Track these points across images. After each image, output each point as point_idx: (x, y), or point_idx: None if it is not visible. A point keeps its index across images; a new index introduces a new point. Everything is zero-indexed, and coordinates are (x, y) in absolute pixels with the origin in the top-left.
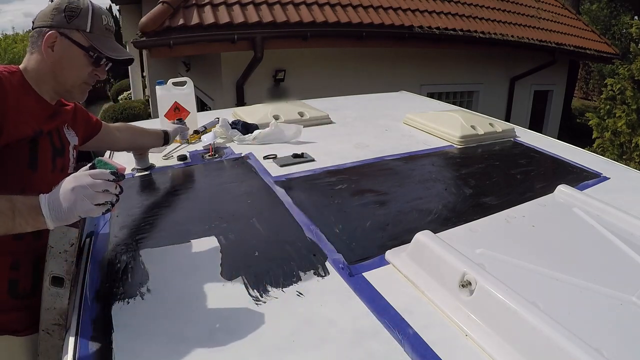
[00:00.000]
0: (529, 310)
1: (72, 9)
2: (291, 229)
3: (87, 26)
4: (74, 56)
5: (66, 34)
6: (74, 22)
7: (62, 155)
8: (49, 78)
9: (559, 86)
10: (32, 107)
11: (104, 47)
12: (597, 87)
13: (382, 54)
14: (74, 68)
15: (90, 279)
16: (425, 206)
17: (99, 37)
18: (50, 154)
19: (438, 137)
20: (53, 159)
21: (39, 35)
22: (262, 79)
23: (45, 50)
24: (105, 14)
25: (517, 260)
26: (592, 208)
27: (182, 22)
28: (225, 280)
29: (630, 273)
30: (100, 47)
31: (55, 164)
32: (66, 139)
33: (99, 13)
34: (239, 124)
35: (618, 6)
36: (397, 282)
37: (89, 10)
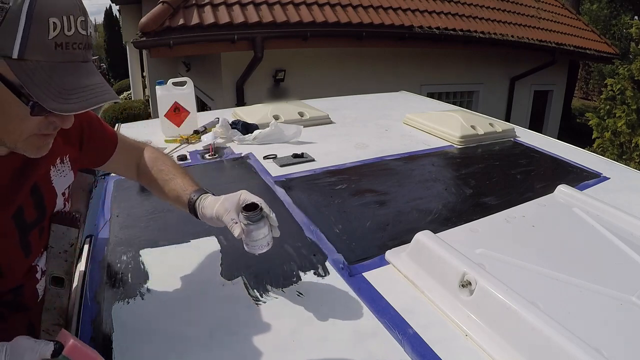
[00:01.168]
0: (529, 310)
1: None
2: (291, 229)
3: (12, 48)
4: (1, 100)
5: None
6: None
7: (42, 220)
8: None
9: (559, 86)
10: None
11: (46, 87)
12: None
13: (382, 54)
14: (7, 117)
15: (90, 279)
16: (425, 206)
17: (38, 67)
18: (18, 241)
19: (438, 137)
20: (24, 244)
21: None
22: (262, 79)
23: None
24: (63, 9)
25: (517, 260)
26: (592, 208)
27: (182, 22)
28: (225, 280)
29: (630, 273)
30: (38, 88)
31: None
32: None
33: (44, 14)
34: (239, 124)
35: (618, 6)
36: (397, 282)
37: (21, 10)
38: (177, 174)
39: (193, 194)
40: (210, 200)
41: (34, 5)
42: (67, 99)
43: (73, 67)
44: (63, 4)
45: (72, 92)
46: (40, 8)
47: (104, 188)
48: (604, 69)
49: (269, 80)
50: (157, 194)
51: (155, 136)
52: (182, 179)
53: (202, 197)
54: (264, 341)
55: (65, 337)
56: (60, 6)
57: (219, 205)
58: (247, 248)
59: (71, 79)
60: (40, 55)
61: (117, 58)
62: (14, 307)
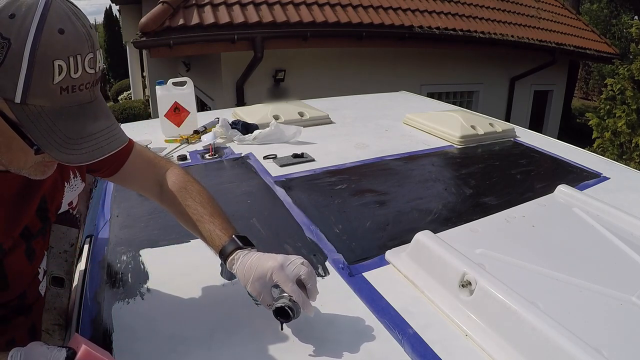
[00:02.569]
0: (529, 310)
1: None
2: (291, 229)
3: (14, 91)
4: (5, 134)
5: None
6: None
7: (46, 228)
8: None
9: (559, 86)
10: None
11: (49, 134)
12: (597, 87)
13: (382, 54)
14: (12, 149)
15: (90, 279)
16: (425, 206)
17: (41, 114)
18: (24, 255)
19: (438, 137)
20: (28, 252)
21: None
22: (262, 79)
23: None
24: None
25: (517, 260)
26: (592, 208)
27: (182, 22)
28: (225, 280)
29: (630, 273)
30: (41, 135)
31: (32, 253)
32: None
33: (49, 56)
34: (239, 124)
35: (618, 6)
36: (397, 282)
37: (23, 50)
38: (204, 216)
39: (223, 248)
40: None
41: (37, 46)
42: (72, 148)
43: (79, 111)
44: (71, 42)
45: (77, 141)
46: (44, 49)
47: (104, 188)
48: (604, 69)
49: (269, 80)
50: (184, 224)
51: (155, 136)
52: (210, 224)
53: (232, 258)
54: (264, 341)
55: (77, 342)
56: (68, 45)
57: (250, 287)
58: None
59: (77, 125)
60: (43, 101)
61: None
62: (18, 311)
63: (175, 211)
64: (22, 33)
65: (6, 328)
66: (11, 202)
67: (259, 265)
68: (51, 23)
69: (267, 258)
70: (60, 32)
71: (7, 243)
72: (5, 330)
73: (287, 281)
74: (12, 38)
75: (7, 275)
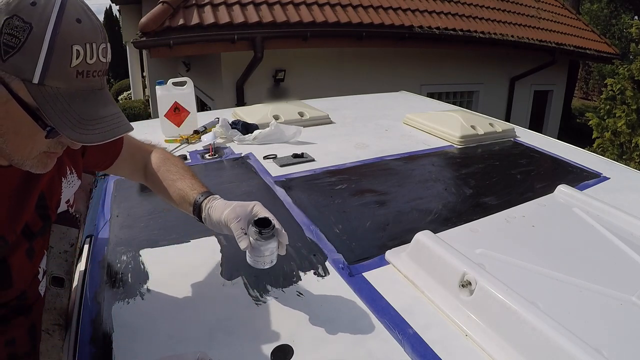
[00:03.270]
0: (529, 310)
1: (14, 30)
2: (291, 229)
3: (33, 72)
4: (16, 118)
5: (2, 79)
6: (11, 61)
7: (44, 232)
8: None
9: (559, 86)
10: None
11: (63, 115)
12: (597, 87)
13: (382, 54)
14: (20, 135)
15: (90, 279)
16: (425, 206)
17: (58, 95)
18: (25, 254)
19: (438, 137)
20: (29, 254)
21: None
22: (262, 79)
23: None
24: (87, 37)
25: (517, 260)
26: (592, 208)
27: (182, 22)
28: (225, 280)
29: (630, 273)
30: (56, 115)
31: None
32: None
33: (68, 41)
34: (239, 124)
35: (618, 6)
36: (397, 282)
37: (44, 34)
38: (185, 175)
39: (200, 195)
40: (220, 203)
41: (58, 31)
42: (86, 129)
43: (91, 95)
44: (87, 31)
45: (90, 122)
46: (64, 35)
47: (104, 188)
48: (604, 69)
49: (269, 80)
50: (163, 195)
51: (155, 136)
52: (191, 180)
53: (210, 198)
54: (264, 341)
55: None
56: (85, 33)
57: (230, 211)
58: (251, 262)
59: (89, 108)
60: (60, 83)
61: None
62: (18, 310)
63: (155, 182)
64: (43, 19)
65: (6, 328)
66: (12, 198)
67: (240, 203)
68: (69, 13)
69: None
70: (78, 21)
71: (10, 237)
72: (5, 330)
73: (267, 212)
74: (33, 23)
75: (12, 273)
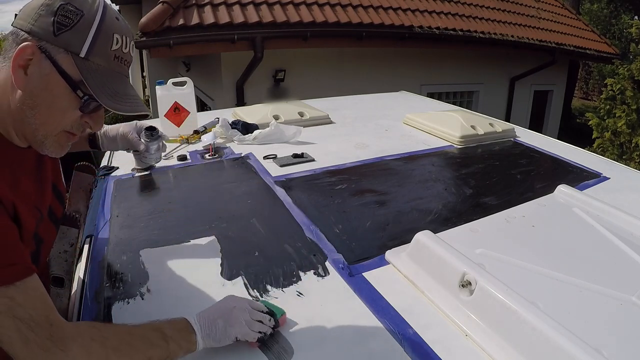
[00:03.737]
0: (529, 310)
1: (68, 13)
2: (291, 229)
3: (81, 47)
4: (54, 90)
5: (49, 52)
6: (63, 36)
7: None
8: (16, 115)
9: (559, 86)
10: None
11: (102, 87)
12: (597, 87)
13: (382, 54)
14: (53, 108)
15: (90, 279)
16: (425, 206)
17: (98, 70)
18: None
19: (438, 137)
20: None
21: (13, 41)
22: (262, 79)
23: (15, 70)
24: (124, 32)
25: (517, 260)
26: (592, 208)
27: (182, 22)
28: (225, 280)
29: (630, 273)
30: (96, 86)
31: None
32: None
33: (110, 29)
34: (239, 124)
35: (618, 6)
36: (397, 282)
37: (94, 21)
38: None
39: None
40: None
41: (104, 19)
42: (118, 101)
43: (120, 79)
44: (124, 26)
45: (122, 97)
46: (108, 24)
47: (104, 188)
48: (604, 69)
49: (269, 80)
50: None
51: None
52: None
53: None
54: (264, 341)
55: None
56: (122, 27)
57: (124, 126)
58: (144, 161)
59: (121, 86)
60: (101, 61)
61: None
62: None
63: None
64: (92, 9)
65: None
66: (34, 176)
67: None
68: (110, 11)
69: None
70: (117, 19)
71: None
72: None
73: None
74: (85, 10)
75: (42, 250)
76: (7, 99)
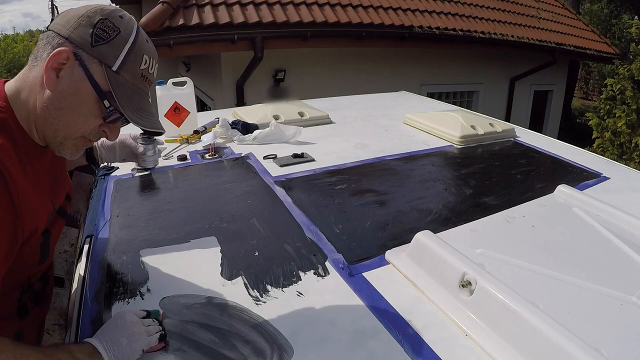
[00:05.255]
0: (529, 310)
1: (106, 28)
2: (291, 229)
3: (115, 61)
4: (82, 96)
5: (83, 61)
6: (99, 48)
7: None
8: (40, 114)
9: (559, 86)
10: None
11: (127, 101)
12: (597, 87)
13: (382, 54)
14: (77, 113)
15: (90, 279)
16: (425, 206)
17: (125, 85)
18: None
19: (438, 137)
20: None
21: (48, 43)
22: (262, 79)
23: (48, 70)
24: (151, 54)
25: (517, 260)
26: (592, 208)
27: (182, 22)
28: (225, 280)
29: (630, 273)
30: (122, 99)
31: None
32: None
33: (141, 50)
34: (239, 124)
35: (618, 6)
36: (397, 282)
37: (128, 39)
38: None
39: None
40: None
41: (137, 40)
42: (140, 116)
43: (143, 96)
44: (152, 49)
45: (143, 112)
46: (140, 44)
47: (104, 188)
48: (604, 69)
49: (269, 80)
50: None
51: None
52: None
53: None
54: (264, 341)
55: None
56: (151, 50)
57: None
58: (142, 165)
59: (143, 103)
60: (129, 77)
61: None
62: (37, 299)
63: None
64: (128, 28)
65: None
66: (50, 173)
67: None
68: (142, 34)
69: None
70: (147, 41)
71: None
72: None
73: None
74: (121, 28)
75: (50, 244)
76: (35, 97)
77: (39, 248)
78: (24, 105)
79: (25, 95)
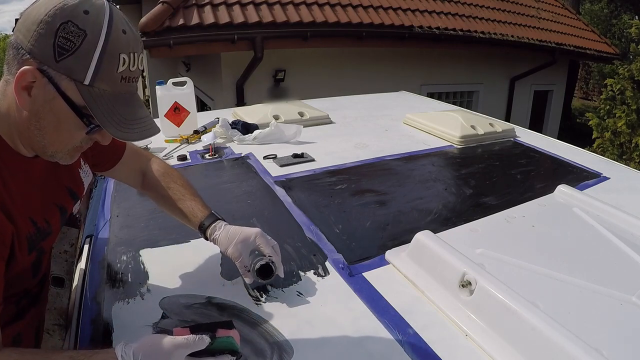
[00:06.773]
0: (529, 310)
1: (69, 35)
2: (291, 229)
3: (85, 73)
4: (59, 114)
5: (51, 77)
6: (64, 62)
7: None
8: (24, 132)
9: (559, 86)
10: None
11: (109, 115)
12: (597, 87)
13: (382, 54)
14: (59, 131)
15: (90, 279)
16: (425, 206)
17: (103, 96)
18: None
19: (438, 137)
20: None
21: (14, 56)
22: (262, 79)
23: (18, 92)
24: (131, 47)
25: (517, 260)
26: (592, 208)
27: (182, 22)
28: (225, 280)
29: (630, 273)
30: (102, 115)
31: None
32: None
33: (116, 50)
34: (239, 124)
35: (618, 6)
36: (397, 282)
37: (97, 43)
38: (186, 195)
39: (205, 219)
40: (223, 236)
41: (110, 38)
42: (126, 128)
43: (129, 98)
44: (132, 40)
45: (130, 122)
46: (113, 43)
47: (104, 188)
48: (604, 69)
49: (269, 80)
50: (164, 209)
51: (155, 136)
52: (192, 201)
53: (214, 226)
54: (264, 341)
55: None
56: (129, 43)
57: (232, 248)
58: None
59: (129, 110)
60: (107, 86)
61: None
62: (34, 301)
63: (157, 194)
64: (96, 27)
65: (23, 322)
66: (41, 186)
67: (243, 231)
68: (117, 24)
69: (247, 228)
70: (124, 32)
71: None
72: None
73: (267, 245)
74: (87, 30)
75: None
76: (14, 114)
77: (30, 267)
78: (4, 119)
79: (5, 110)
